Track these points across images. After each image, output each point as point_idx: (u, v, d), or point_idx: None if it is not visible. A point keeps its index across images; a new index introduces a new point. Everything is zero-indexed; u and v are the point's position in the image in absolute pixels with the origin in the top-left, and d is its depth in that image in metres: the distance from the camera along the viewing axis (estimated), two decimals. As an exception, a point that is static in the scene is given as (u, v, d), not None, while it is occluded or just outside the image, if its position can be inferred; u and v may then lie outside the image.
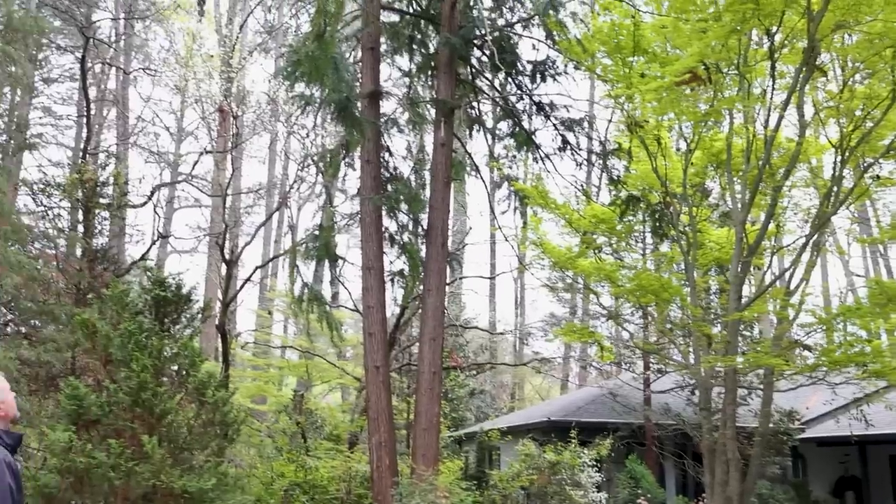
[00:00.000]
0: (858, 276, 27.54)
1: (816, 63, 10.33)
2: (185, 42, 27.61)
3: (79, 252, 15.18)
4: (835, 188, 10.96)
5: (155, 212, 20.39)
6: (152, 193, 18.62)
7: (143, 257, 17.82)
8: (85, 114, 18.99)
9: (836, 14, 9.51)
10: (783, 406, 16.42)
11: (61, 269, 14.34)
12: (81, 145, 20.72)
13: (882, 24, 9.42)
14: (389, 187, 14.24)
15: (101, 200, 15.33)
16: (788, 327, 12.61)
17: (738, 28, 10.11)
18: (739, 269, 11.31)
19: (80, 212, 15.29)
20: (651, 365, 19.09)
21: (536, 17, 13.93)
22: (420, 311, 14.21)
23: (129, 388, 8.30)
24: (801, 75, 10.06)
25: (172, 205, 31.66)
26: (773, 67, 10.57)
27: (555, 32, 13.61)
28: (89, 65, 21.42)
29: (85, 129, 19.76)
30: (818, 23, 9.37)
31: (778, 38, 10.55)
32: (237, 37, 25.84)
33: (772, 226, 12.23)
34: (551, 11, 12.85)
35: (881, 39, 9.46)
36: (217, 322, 17.29)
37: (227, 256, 17.39)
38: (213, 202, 25.14)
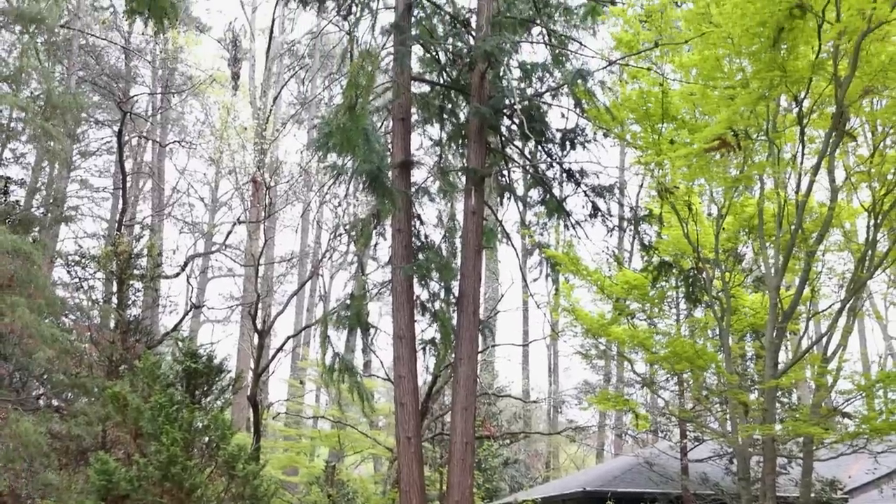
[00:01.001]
0: (898, 340, 26.96)
1: (846, 128, 10.29)
2: (220, 115, 28.28)
3: (112, 324, 15.33)
4: (869, 252, 10.80)
5: (188, 282, 20.59)
6: (186, 264, 18.84)
7: (175, 328, 17.95)
8: (121, 186, 19.37)
9: (864, 80, 9.49)
10: (824, 475, 15.94)
11: (94, 341, 14.47)
12: (117, 217, 21.11)
13: (911, 90, 9.40)
14: (420, 256, 14.28)
15: (135, 272, 15.53)
16: (826, 394, 12.32)
17: (766, 95, 10.12)
18: (775, 335, 11.11)
19: (114, 283, 15.48)
20: (688, 433, 18.68)
21: (565, 86, 14.07)
22: (452, 379, 14.10)
23: (158, 463, 8.27)
24: (830, 140, 10.02)
25: (206, 275, 31.99)
26: (802, 133, 10.54)
27: (583, 101, 13.73)
28: (126, 138, 21.93)
29: (121, 202, 20.15)
30: (846, 89, 9.36)
31: (806, 103, 10.54)
32: (271, 109, 26.39)
33: (806, 290, 12.05)
34: (580, 81, 12.99)
35: (911, 104, 9.42)
36: (249, 393, 17.28)
37: (258, 326, 17.45)
38: (246, 272, 25.39)
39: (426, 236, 15.02)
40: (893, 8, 8.71)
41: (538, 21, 15.53)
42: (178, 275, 18.78)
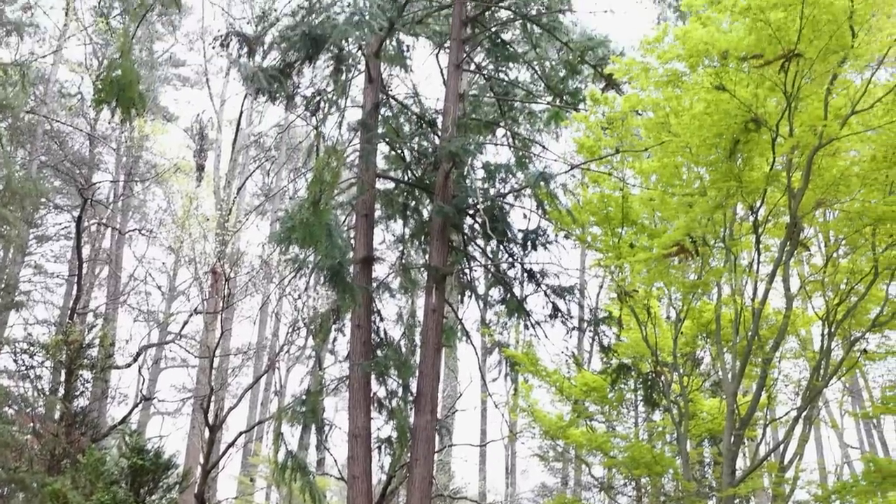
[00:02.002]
0: (853, 447, 27.01)
1: (800, 238, 10.53)
2: (183, 203, 28.18)
3: (57, 415, 14.82)
4: (823, 361, 10.90)
5: (140, 373, 20.10)
6: (138, 355, 18.43)
7: (123, 420, 17.38)
8: (76, 273, 19.08)
9: (816, 192, 9.77)
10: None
11: (37, 433, 13.93)
12: (70, 304, 20.71)
13: (860, 204, 9.67)
14: (379, 352, 14.13)
15: (85, 362, 15.11)
16: (784, 504, 12.24)
17: (724, 203, 10.36)
18: (732, 442, 11.07)
19: (62, 373, 15.04)
20: (646, 540, 18.37)
21: (528, 188, 14.27)
22: (407, 480, 13.77)
23: (97, 565, 7.90)
24: (785, 249, 10.23)
25: (159, 365, 31.34)
26: (757, 241, 10.75)
27: (545, 203, 13.92)
28: (85, 224, 21.72)
29: (75, 288, 19.81)
30: (799, 200, 9.61)
31: (762, 213, 10.79)
32: (234, 199, 26.41)
33: (763, 397, 12.09)
34: (542, 183, 13.17)
35: (860, 217, 9.67)
36: (196, 490, 16.69)
37: (210, 421, 17.01)
38: (201, 363, 24.88)
39: (385, 332, 14.90)
40: (843, 126, 9.04)
41: (503, 124, 15.89)
42: (129, 365, 18.34)
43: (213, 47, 13.39)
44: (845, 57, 8.98)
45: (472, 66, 16.07)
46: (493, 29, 15.85)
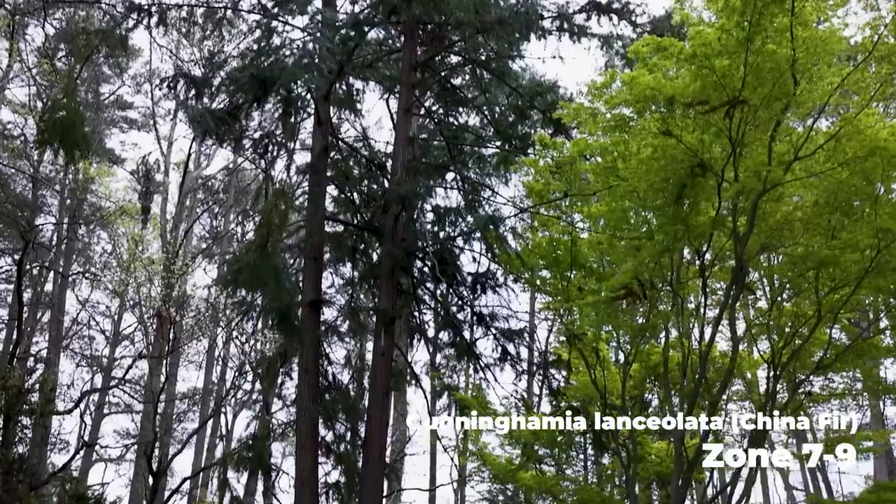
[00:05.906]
0: (798, 489, 27.31)
1: (745, 282, 10.69)
2: (129, 246, 27.74)
3: (-6, 463, 14.34)
4: (770, 403, 11.02)
5: (82, 419, 19.57)
6: (80, 400, 17.95)
7: (64, 467, 16.86)
8: (17, 317, 18.59)
9: (761, 237, 9.96)
10: None
11: (-29, 483, 13.46)
12: (9, 350, 20.16)
13: (803, 248, 9.88)
14: (327, 396, 13.97)
15: (25, 408, 14.68)
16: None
17: (670, 247, 10.49)
18: (680, 484, 11.09)
19: (0, 419, 14.59)
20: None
21: (477, 231, 14.34)
22: (356, 527, 13.55)
23: None
24: (731, 293, 10.37)
25: (102, 411, 30.52)
26: (704, 285, 10.89)
27: (495, 246, 14.00)
28: (27, 267, 21.24)
29: (15, 333, 19.28)
30: (745, 245, 9.77)
31: (708, 256, 10.95)
32: (181, 243, 26.08)
33: (711, 439, 12.16)
34: (491, 227, 13.26)
35: (804, 262, 9.87)
36: (138, 539, 16.25)
37: (154, 468, 16.58)
38: (145, 409, 24.31)
39: (334, 376, 14.76)
40: (786, 171, 9.25)
41: (452, 167, 15.98)
42: (71, 411, 17.86)
43: (161, 89, 13.31)
44: (788, 104, 9.20)
45: (422, 111, 16.20)
46: (443, 74, 16.02)
